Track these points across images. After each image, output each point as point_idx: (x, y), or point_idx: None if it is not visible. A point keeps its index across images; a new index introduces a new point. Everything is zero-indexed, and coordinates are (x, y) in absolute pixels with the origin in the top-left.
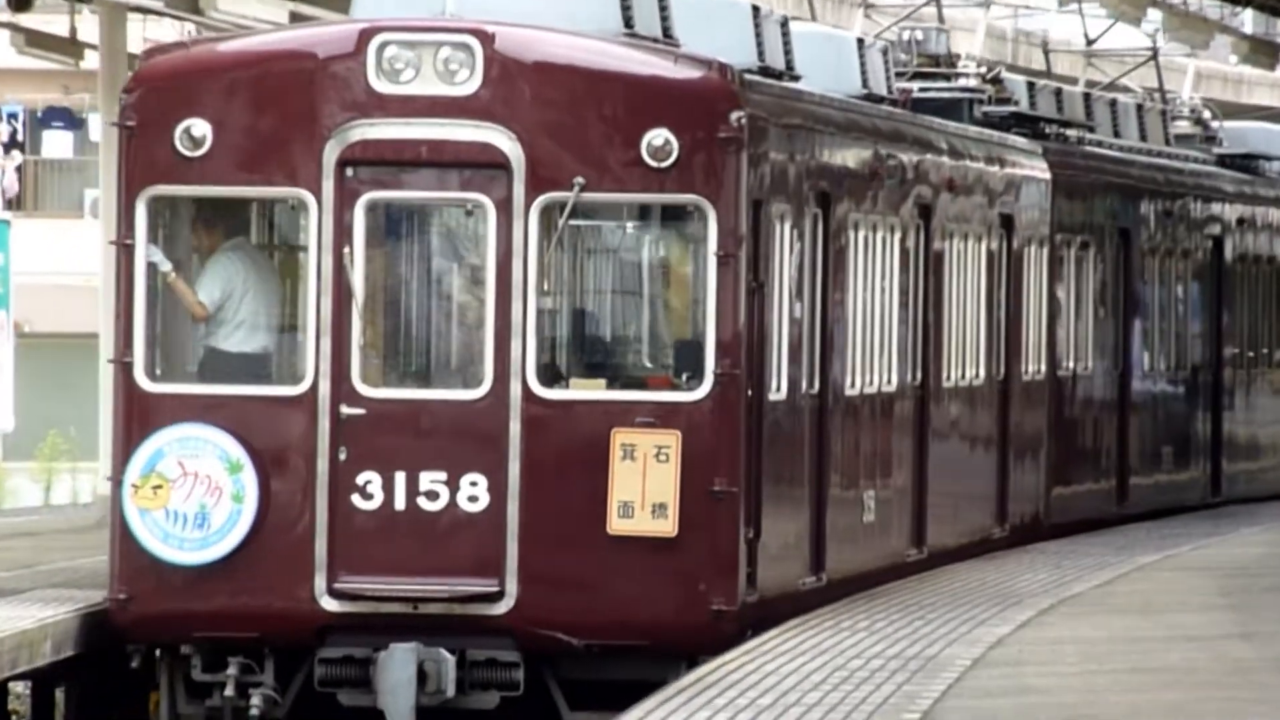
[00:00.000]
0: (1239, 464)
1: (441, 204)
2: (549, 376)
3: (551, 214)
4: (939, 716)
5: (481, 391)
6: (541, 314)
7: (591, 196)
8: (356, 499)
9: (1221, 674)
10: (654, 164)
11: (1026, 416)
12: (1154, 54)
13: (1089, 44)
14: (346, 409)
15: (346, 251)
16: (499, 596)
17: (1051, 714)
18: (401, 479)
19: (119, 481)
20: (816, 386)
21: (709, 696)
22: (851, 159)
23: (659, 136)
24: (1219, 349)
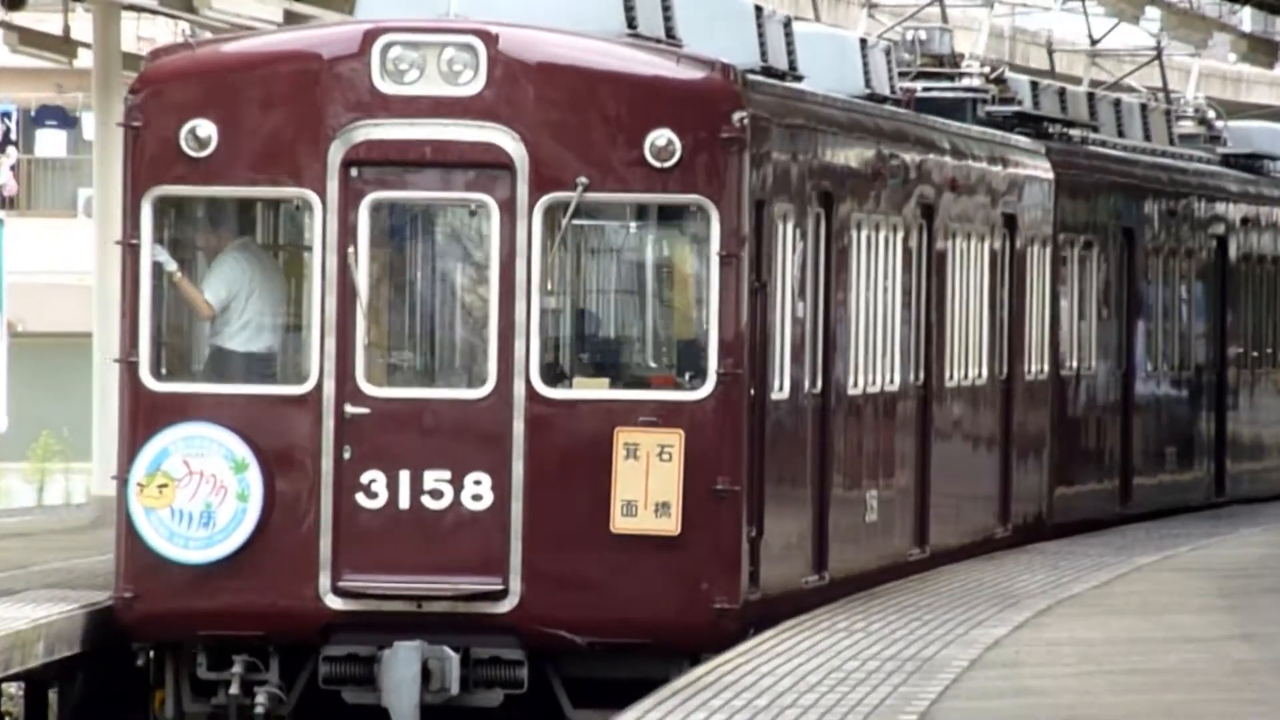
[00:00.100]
0: (1243, 464)
1: (445, 204)
2: (552, 376)
3: (555, 214)
4: (936, 718)
5: (485, 391)
6: (545, 313)
7: (595, 196)
8: (361, 498)
9: (1220, 675)
10: (657, 164)
11: (1029, 416)
12: (1158, 53)
13: (1093, 44)
14: (351, 408)
15: (351, 251)
16: (503, 595)
17: (1049, 715)
18: (406, 478)
19: (124, 480)
20: (819, 386)
21: (705, 698)
22: (854, 159)
23: (662, 137)
24: (1223, 349)
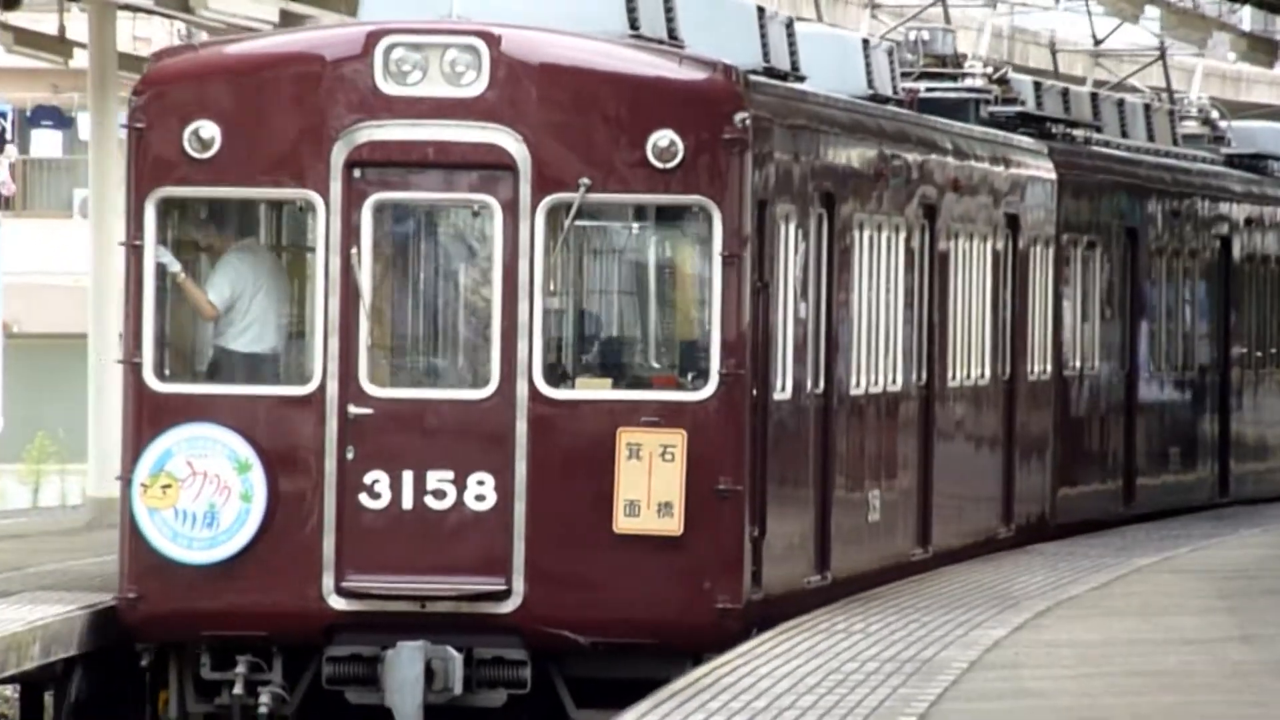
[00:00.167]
0: (1247, 464)
1: (448, 205)
2: (555, 376)
3: (557, 215)
4: None
5: (488, 391)
6: (548, 314)
7: (597, 197)
8: (364, 498)
9: (1220, 677)
10: (659, 165)
11: (1032, 416)
12: (1162, 54)
13: (1096, 44)
14: (354, 409)
15: (354, 252)
16: (506, 595)
17: (1048, 717)
18: (409, 478)
19: (128, 481)
20: (821, 386)
21: (702, 700)
22: (856, 159)
23: (664, 137)
24: (1227, 349)
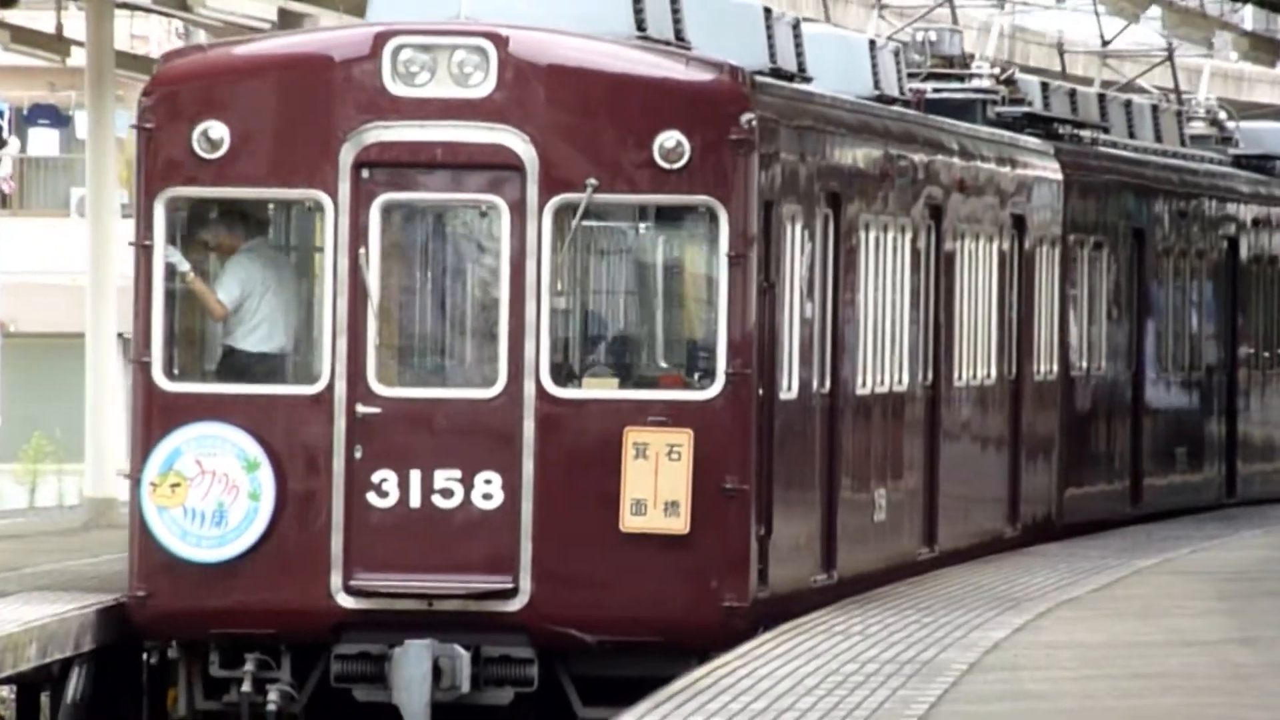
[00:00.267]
0: (1254, 465)
1: (456, 205)
2: (562, 376)
3: (564, 215)
4: None
5: (495, 390)
6: (555, 314)
7: (604, 198)
8: (372, 497)
9: (1221, 679)
10: (666, 165)
11: (1038, 417)
12: (1169, 54)
13: (1104, 44)
14: (362, 408)
15: (362, 252)
16: (513, 593)
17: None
18: (416, 477)
19: (137, 480)
20: (828, 386)
21: (702, 701)
22: (862, 160)
23: (671, 138)
24: (1234, 349)
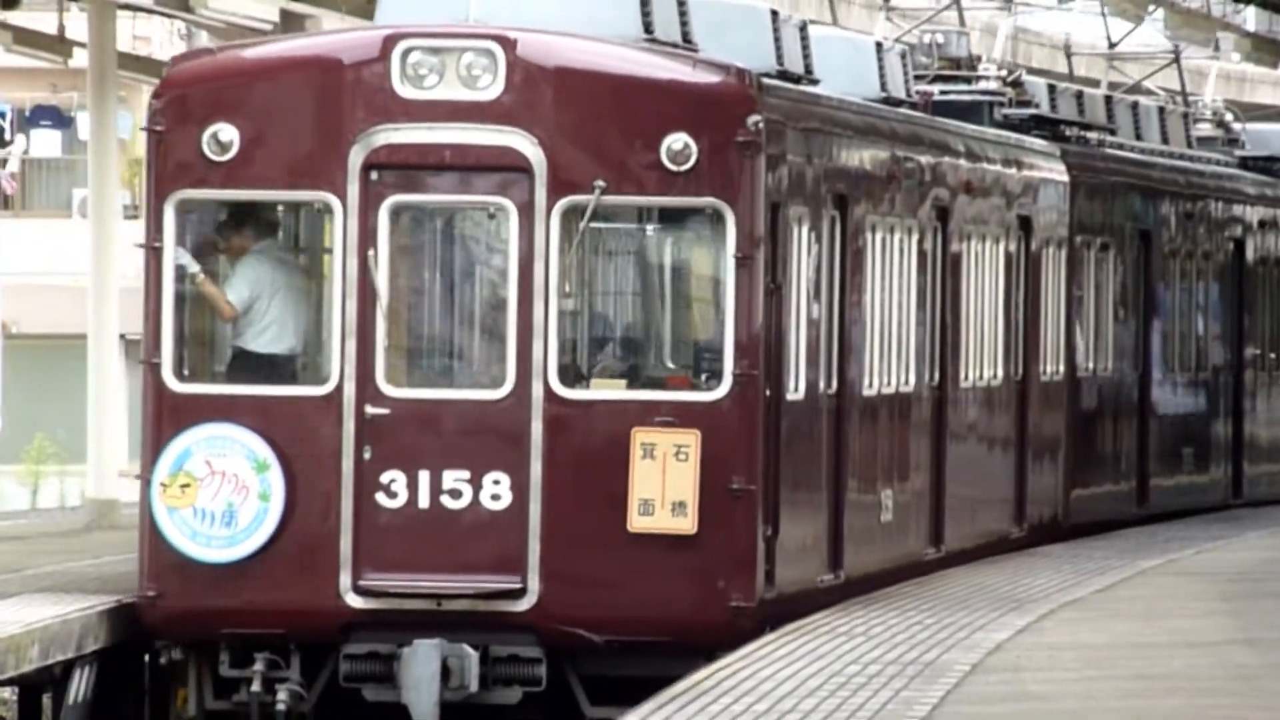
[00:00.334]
0: (1260, 466)
1: (464, 207)
2: (570, 377)
3: (572, 217)
4: None
5: (504, 392)
6: (563, 315)
7: (611, 199)
8: (381, 497)
9: (1224, 680)
10: (673, 167)
11: (1045, 417)
12: (1176, 56)
13: (1111, 46)
14: (371, 409)
15: (371, 254)
16: (521, 593)
17: None
18: (425, 478)
19: (148, 480)
20: (834, 387)
21: (704, 703)
22: (869, 161)
23: (678, 140)
24: (1240, 350)
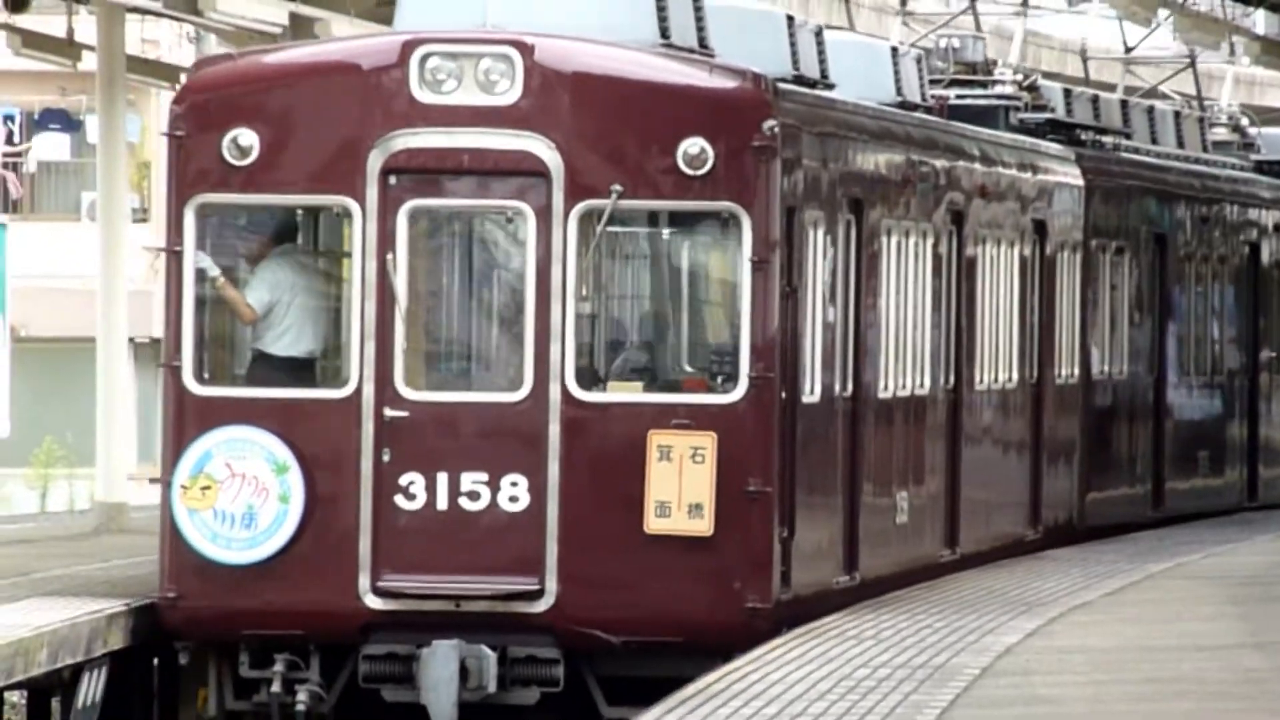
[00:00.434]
0: (1275, 469)
1: (482, 211)
2: (587, 379)
3: (589, 221)
4: None
5: (521, 394)
6: (580, 318)
7: (628, 203)
8: (400, 499)
9: (1233, 684)
10: (689, 171)
11: (1060, 420)
12: (1191, 60)
13: (1127, 51)
14: (390, 411)
15: (390, 257)
16: (539, 595)
17: None
18: (444, 480)
19: (168, 482)
20: (850, 389)
21: (713, 707)
22: (884, 166)
23: (694, 145)
24: (1255, 353)
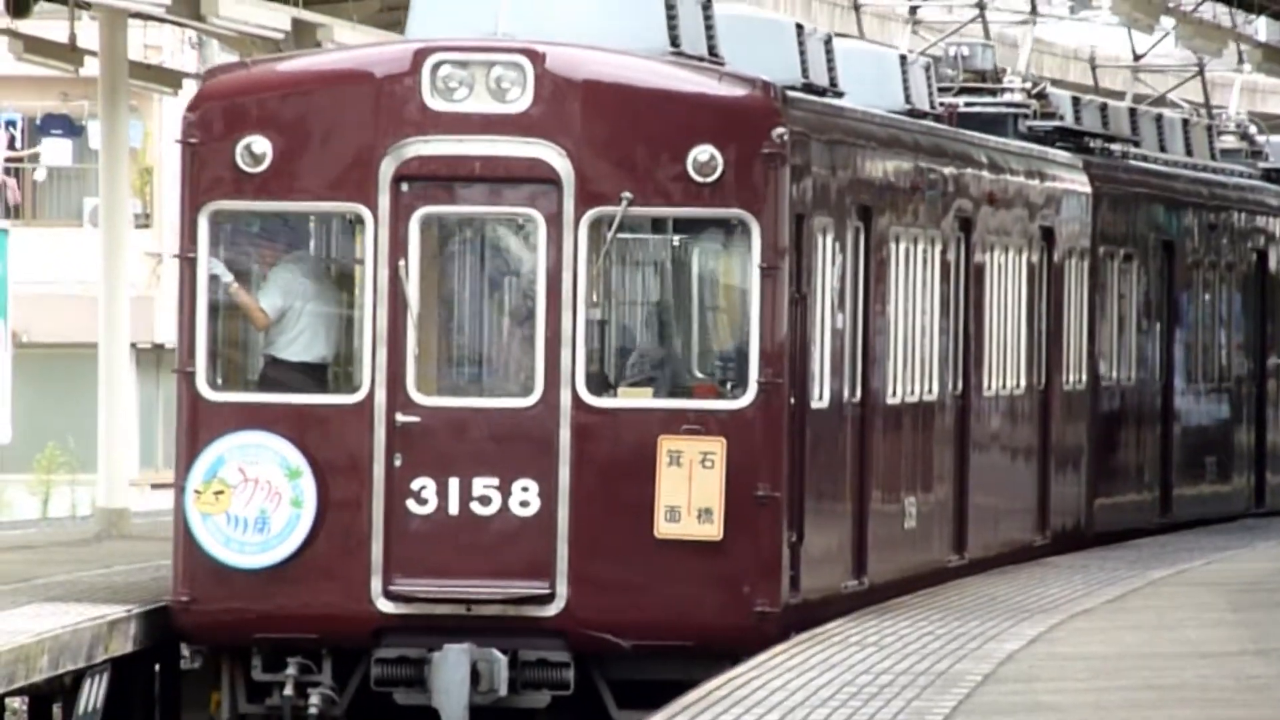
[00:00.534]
0: None
1: (493, 218)
2: (597, 385)
3: (600, 227)
4: None
5: (532, 400)
6: (590, 324)
7: (638, 210)
8: (411, 504)
9: (1235, 691)
10: (699, 179)
11: (1068, 426)
12: (1200, 69)
13: (1135, 59)
14: (402, 417)
15: (401, 264)
16: (550, 599)
17: None
18: (455, 484)
19: (182, 487)
20: (858, 395)
21: (715, 714)
22: (893, 173)
23: (704, 152)
24: (1263, 360)
